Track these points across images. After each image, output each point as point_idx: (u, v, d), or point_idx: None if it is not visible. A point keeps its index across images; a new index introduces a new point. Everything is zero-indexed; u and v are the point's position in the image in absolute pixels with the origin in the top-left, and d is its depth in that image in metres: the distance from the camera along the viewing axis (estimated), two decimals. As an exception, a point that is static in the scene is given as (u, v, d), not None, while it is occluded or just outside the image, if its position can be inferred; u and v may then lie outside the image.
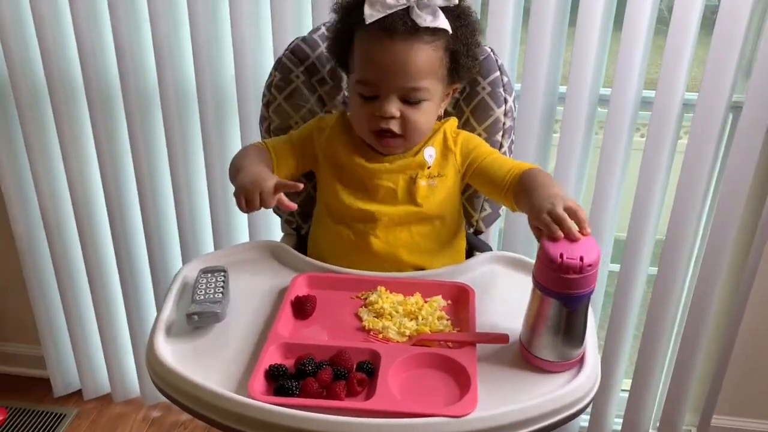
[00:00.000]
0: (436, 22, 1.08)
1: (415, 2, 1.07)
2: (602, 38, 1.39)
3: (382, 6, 1.07)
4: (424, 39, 1.09)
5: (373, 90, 1.11)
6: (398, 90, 1.10)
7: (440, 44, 1.10)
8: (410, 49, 1.08)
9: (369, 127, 1.14)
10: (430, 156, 1.18)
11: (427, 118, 1.14)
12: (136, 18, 1.52)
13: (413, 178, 1.17)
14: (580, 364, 0.94)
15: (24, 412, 1.98)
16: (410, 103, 1.11)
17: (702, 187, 1.48)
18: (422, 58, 1.09)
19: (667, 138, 1.45)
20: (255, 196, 1.03)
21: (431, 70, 1.10)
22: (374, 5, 1.07)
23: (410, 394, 0.89)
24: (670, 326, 1.68)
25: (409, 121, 1.12)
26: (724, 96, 1.38)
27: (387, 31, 1.07)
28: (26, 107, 1.64)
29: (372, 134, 1.15)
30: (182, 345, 0.98)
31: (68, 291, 1.87)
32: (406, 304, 1.05)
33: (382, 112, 1.11)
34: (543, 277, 0.90)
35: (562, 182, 1.52)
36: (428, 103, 1.13)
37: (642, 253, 1.58)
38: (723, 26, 1.32)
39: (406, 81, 1.10)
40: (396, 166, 1.17)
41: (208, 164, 1.63)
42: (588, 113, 1.46)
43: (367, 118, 1.13)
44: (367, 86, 1.12)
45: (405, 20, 1.07)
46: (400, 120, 1.12)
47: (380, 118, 1.11)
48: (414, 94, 1.11)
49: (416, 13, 1.07)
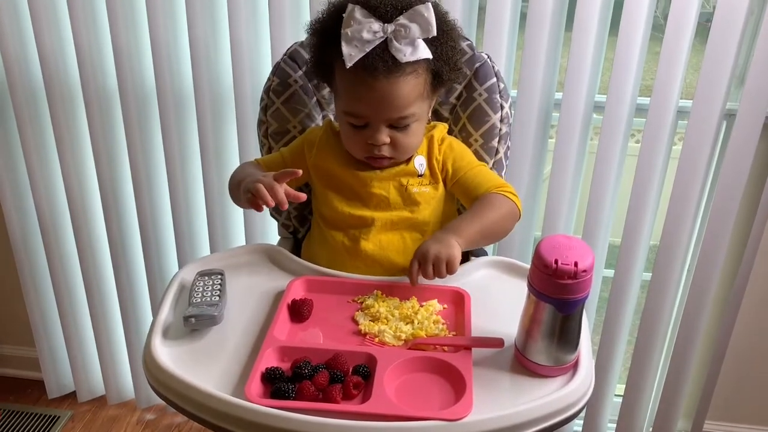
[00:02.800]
0: (416, 53, 1.07)
1: (392, 33, 1.06)
2: (598, 45, 1.40)
3: (360, 43, 1.05)
4: (407, 71, 1.08)
5: (362, 120, 1.12)
6: (387, 120, 1.11)
7: (422, 69, 1.10)
8: (394, 85, 1.08)
9: (362, 154, 1.16)
10: (421, 165, 1.19)
11: (416, 138, 1.16)
12: (134, 21, 1.52)
13: (404, 185, 1.18)
14: (574, 369, 0.95)
15: (18, 414, 1.97)
16: (399, 128, 1.13)
17: (696, 193, 1.49)
18: (407, 90, 1.09)
19: (662, 144, 1.46)
20: (262, 190, 1.02)
21: (417, 95, 1.11)
22: (351, 42, 1.06)
23: (406, 398, 0.90)
24: (663, 332, 1.69)
25: (400, 145, 1.14)
26: (718, 103, 1.39)
27: (368, 71, 1.07)
28: (23, 110, 1.64)
29: (365, 158, 1.17)
30: (179, 348, 0.99)
31: (63, 293, 1.87)
32: (402, 308, 1.06)
33: (374, 140, 1.12)
34: (538, 282, 0.91)
35: (557, 188, 1.53)
36: (416, 124, 1.14)
37: (636, 258, 1.59)
38: (717, 34, 1.34)
39: (394, 113, 1.10)
40: (387, 174, 1.18)
41: (205, 168, 1.63)
42: (583, 119, 1.47)
43: (360, 146, 1.15)
44: (355, 117, 1.13)
45: (385, 58, 1.06)
46: (391, 144, 1.14)
47: (372, 146, 1.13)
48: (402, 121, 1.12)
49: (395, 47, 1.06)
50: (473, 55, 1.27)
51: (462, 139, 1.27)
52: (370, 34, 1.05)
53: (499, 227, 1.15)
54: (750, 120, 1.40)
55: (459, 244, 1.06)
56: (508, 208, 1.15)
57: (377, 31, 1.05)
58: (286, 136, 1.30)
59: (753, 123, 1.40)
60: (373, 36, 1.05)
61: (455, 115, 1.30)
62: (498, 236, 1.18)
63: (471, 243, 1.10)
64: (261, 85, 1.33)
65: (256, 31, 1.50)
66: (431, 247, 1.05)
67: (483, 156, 1.27)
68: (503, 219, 1.15)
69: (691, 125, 1.43)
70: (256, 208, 1.05)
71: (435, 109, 1.31)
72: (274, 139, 1.31)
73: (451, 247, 1.05)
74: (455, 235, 1.07)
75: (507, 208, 1.15)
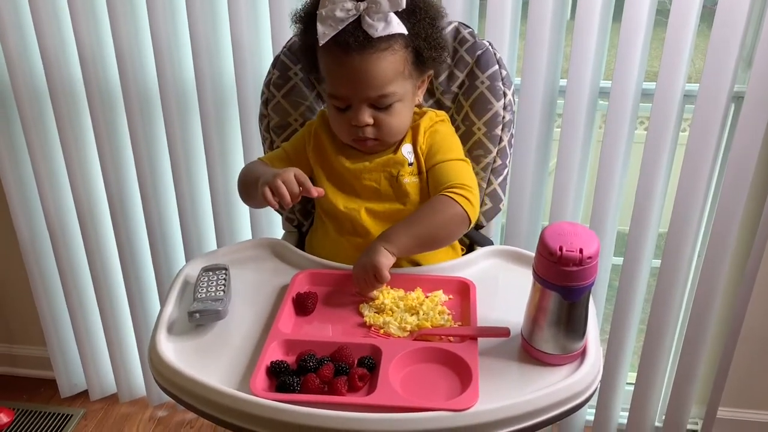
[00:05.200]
0: (389, 28, 1.06)
1: (364, 10, 1.06)
2: (602, 31, 1.39)
3: (333, 21, 1.06)
4: (380, 47, 1.07)
5: (345, 102, 1.12)
6: (367, 99, 1.11)
7: (398, 46, 1.09)
8: (368, 61, 1.07)
9: (348, 137, 1.16)
10: (409, 152, 1.18)
11: (400, 119, 1.15)
12: (135, 19, 1.52)
13: (395, 175, 1.17)
14: (581, 357, 0.94)
15: (31, 414, 1.99)
16: (381, 108, 1.12)
17: (704, 178, 1.48)
18: (382, 67, 1.08)
19: (669, 130, 1.44)
20: (280, 187, 1.03)
21: (395, 73, 1.10)
22: (325, 22, 1.07)
23: (412, 389, 0.89)
24: (674, 319, 1.67)
25: (383, 126, 1.13)
26: (725, 87, 1.37)
27: (342, 47, 1.07)
28: (27, 110, 1.65)
29: (352, 141, 1.17)
30: (184, 343, 0.99)
31: (72, 292, 1.88)
32: (407, 300, 1.05)
33: (356, 121, 1.12)
34: (543, 270, 0.90)
35: (563, 176, 1.51)
36: (400, 104, 1.13)
37: (645, 246, 1.58)
38: (723, 16, 1.32)
39: (372, 91, 1.10)
40: (375, 165, 1.17)
41: (210, 163, 1.63)
42: (589, 106, 1.45)
43: (345, 128, 1.15)
44: (338, 99, 1.13)
45: (357, 34, 1.06)
46: (375, 126, 1.13)
47: (356, 128, 1.13)
48: (382, 100, 1.11)
49: (367, 23, 1.06)
50: (474, 43, 1.26)
51: (465, 128, 1.26)
52: (344, 12, 1.06)
53: (441, 232, 1.12)
54: (758, 102, 1.38)
55: (388, 251, 1.06)
56: (452, 213, 1.10)
57: (350, 9, 1.06)
58: (288, 129, 1.30)
59: (762, 105, 1.39)
60: (347, 14, 1.06)
61: (458, 104, 1.29)
62: (440, 241, 1.15)
63: (406, 249, 1.09)
64: (263, 78, 1.33)
65: (257, 26, 1.49)
66: (359, 262, 1.07)
67: (487, 144, 1.26)
68: (445, 224, 1.11)
69: (698, 109, 1.41)
70: (270, 204, 1.05)
71: (437, 98, 1.31)
72: (276, 133, 1.31)
73: (377, 254, 1.06)
74: (385, 242, 1.07)
75: (451, 213, 1.10)
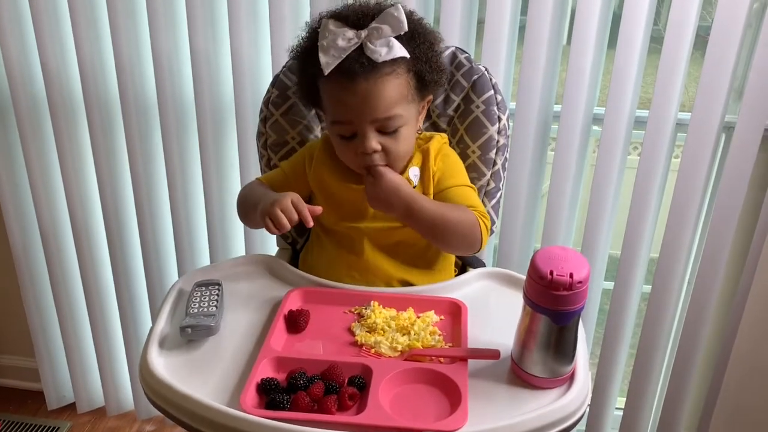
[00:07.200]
0: (392, 52, 1.08)
1: (366, 37, 1.07)
2: (596, 57, 1.41)
3: (336, 51, 1.07)
4: (385, 71, 1.08)
5: (350, 129, 1.12)
6: (373, 123, 1.11)
7: (401, 70, 1.10)
8: (374, 85, 1.08)
9: (357, 165, 1.16)
10: (416, 176, 1.19)
11: (406, 144, 1.16)
12: (136, 32, 1.53)
13: None
14: (570, 381, 0.95)
15: (17, 425, 1.97)
16: (387, 133, 1.13)
17: (695, 205, 1.49)
18: (388, 90, 1.09)
19: (661, 156, 1.46)
20: (280, 217, 1.06)
21: (400, 96, 1.11)
22: (327, 52, 1.08)
23: (401, 409, 0.90)
24: (664, 344, 1.68)
25: (391, 152, 1.14)
26: (716, 116, 1.40)
27: (347, 75, 1.08)
28: (26, 120, 1.65)
29: (360, 169, 1.16)
30: (175, 358, 0.99)
31: (64, 303, 1.87)
32: (399, 319, 1.06)
33: (364, 148, 1.12)
34: (533, 294, 0.91)
35: (556, 200, 1.53)
36: (405, 128, 1.14)
37: (636, 270, 1.59)
38: (715, 47, 1.34)
39: (378, 114, 1.10)
40: None
41: (206, 178, 1.64)
42: (582, 132, 1.47)
43: (352, 157, 1.15)
44: (343, 126, 1.13)
45: (361, 60, 1.07)
46: (382, 151, 1.13)
47: (364, 155, 1.13)
48: (389, 123, 1.12)
49: (370, 49, 1.07)
50: (471, 68, 1.28)
51: (460, 151, 1.28)
52: (345, 41, 1.07)
53: (455, 228, 1.12)
54: (749, 132, 1.40)
55: (410, 195, 1.10)
56: (471, 223, 1.12)
57: (351, 38, 1.07)
58: (285, 147, 1.31)
59: (752, 135, 1.40)
60: (348, 43, 1.07)
61: (453, 127, 1.30)
62: (448, 236, 1.14)
63: (420, 211, 1.10)
64: (261, 97, 1.34)
65: (257, 43, 1.51)
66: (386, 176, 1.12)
67: (481, 167, 1.27)
68: (461, 225, 1.12)
69: (690, 137, 1.43)
70: (269, 230, 1.07)
71: (433, 121, 1.32)
72: (273, 151, 1.32)
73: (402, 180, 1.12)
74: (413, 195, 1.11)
75: (470, 222, 1.12)
